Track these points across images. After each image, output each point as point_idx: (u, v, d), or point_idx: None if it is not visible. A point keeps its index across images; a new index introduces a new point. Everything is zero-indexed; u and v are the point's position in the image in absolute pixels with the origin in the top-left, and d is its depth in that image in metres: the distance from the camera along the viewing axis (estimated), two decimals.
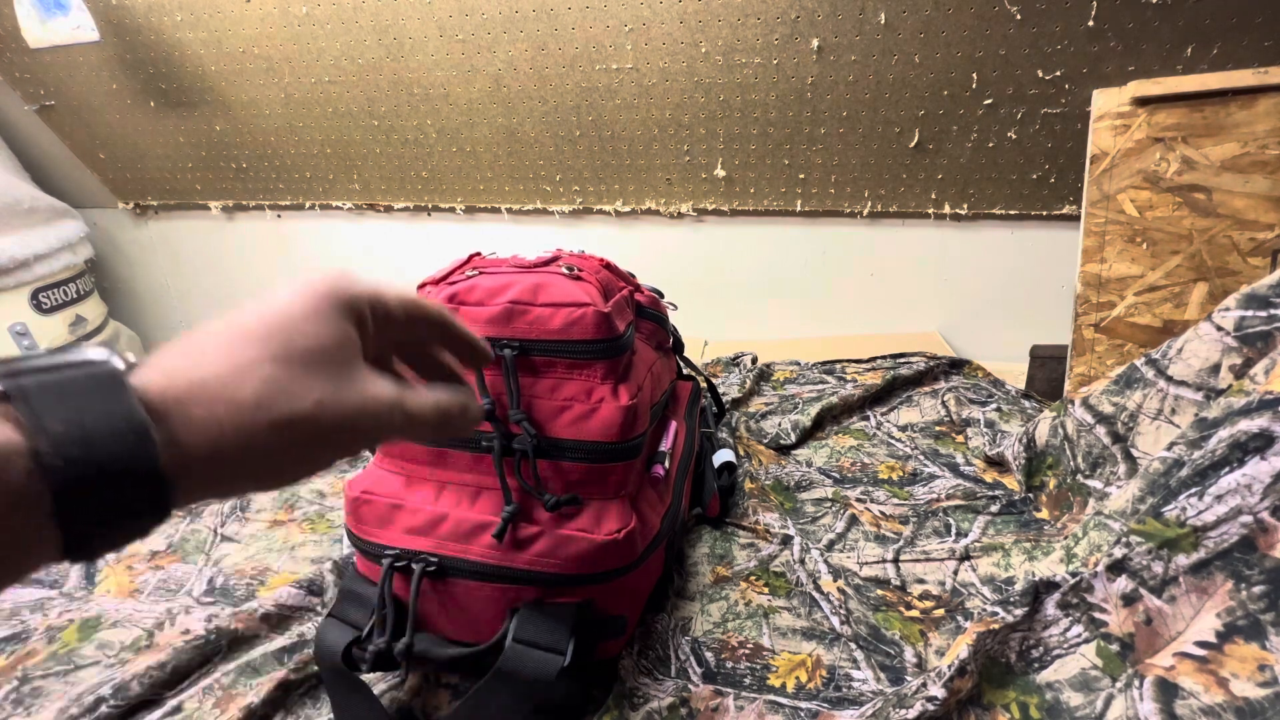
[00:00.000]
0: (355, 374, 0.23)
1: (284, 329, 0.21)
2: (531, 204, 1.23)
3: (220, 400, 0.19)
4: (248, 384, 0.20)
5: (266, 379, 0.20)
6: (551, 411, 0.47)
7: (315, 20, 1.05)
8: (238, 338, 0.20)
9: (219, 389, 0.19)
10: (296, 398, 0.20)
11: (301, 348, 0.21)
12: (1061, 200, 1.02)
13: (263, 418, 0.20)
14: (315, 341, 0.21)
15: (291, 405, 0.20)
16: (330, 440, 0.22)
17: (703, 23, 0.95)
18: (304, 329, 0.21)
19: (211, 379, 0.19)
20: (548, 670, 0.41)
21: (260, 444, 0.20)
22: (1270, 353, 0.51)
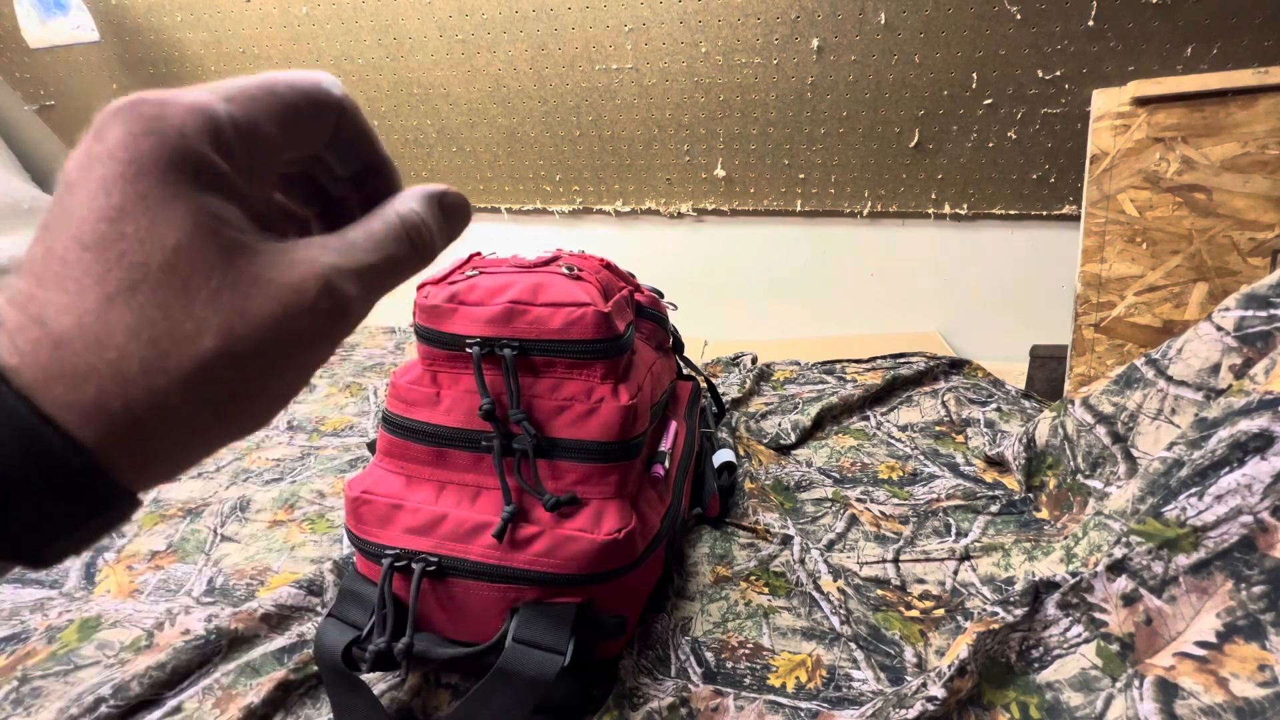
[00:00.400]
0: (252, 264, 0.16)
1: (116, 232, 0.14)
2: (531, 204, 1.23)
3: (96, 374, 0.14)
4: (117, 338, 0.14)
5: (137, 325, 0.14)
6: (551, 411, 0.47)
7: (315, 20, 1.05)
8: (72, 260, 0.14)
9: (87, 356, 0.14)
10: (190, 338, 0.15)
11: (159, 258, 0.15)
12: (1061, 200, 1.02)
13: (163, 381, 0.15)
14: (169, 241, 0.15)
15: (189, 350, 0.15)
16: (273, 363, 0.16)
17: (703, 23, 0.95)
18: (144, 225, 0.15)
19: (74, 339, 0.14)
20: (548, 670, 0.41)
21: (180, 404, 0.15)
22: (1270, 353, 0.51)
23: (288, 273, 0.16)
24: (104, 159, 0.15)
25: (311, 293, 0.16)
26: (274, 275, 0.16)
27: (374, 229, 0.19)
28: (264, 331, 0.16)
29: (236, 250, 0.16)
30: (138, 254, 0.14)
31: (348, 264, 0.17)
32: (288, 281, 0.16)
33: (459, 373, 0.48)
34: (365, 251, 0.18)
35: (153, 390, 0.14)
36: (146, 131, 0.15)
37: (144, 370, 0.14)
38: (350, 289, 0.17)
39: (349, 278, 0.17)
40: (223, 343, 0.15)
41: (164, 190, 0.15)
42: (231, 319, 0.15)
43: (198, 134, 0.15)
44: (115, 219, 0.14)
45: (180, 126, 0.15)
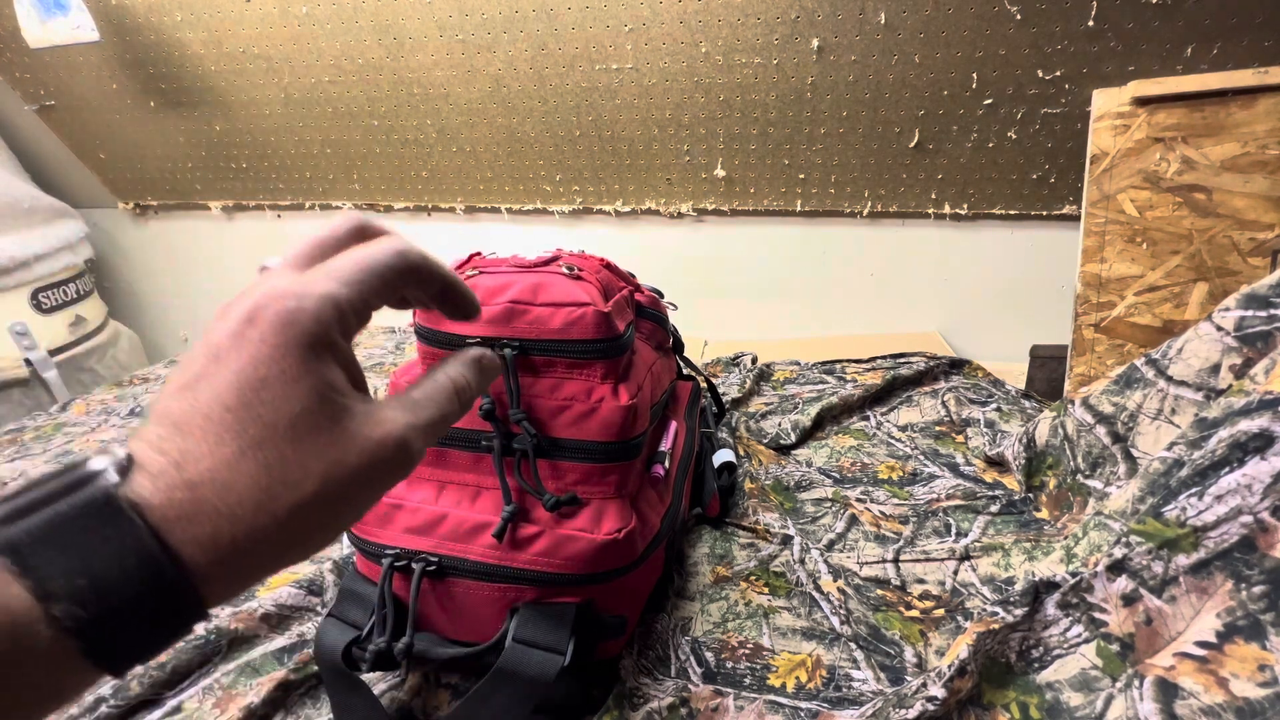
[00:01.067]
0: (351, 423, 0.19)
1: (258, 399, 0.18)
2: (531, 204, 1.23)
3: (218, 512, 0.17)
4: (241, 483, 0.17)
5: (258, 473, 0.17)
6: (551, 411, 0.47)
7: (315, 20, 1.05)
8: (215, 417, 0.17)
9: (214, 499, 0.17)
10: (296, 484, 0.18)
11: (286, 420, 0.18)
12: (1061, 200, 1.02)
13: (266, 520, 0.18)
14: (297, 407, 0.18)
15: (293, 494, 0.18)
16: (350, 502, 0.20)
17: (703, 23, 0.95)
18: (280, 394, 0.18)
19: (205, 483, 0.17)
20: (548, 670, 0.41)
21: (274, 538, 0.18)
22: (1270, 353, 0.51)
23: (375, 430, 0.20)
24: (255, 341, 0.18)
25: (391, 447, 0.20)
26: (366, 431, 0.20)
27: (433, 392, 0.23)
28: (353, 477, 0.19)
29: (341, 412, 0.19)
30: (271, 416, 0.18)
31: (417, 421, 0.21)
32: (375, 436, 0.20)
33: None
34: (428, 409, 0.22)
35: (257, 528, 0.17)
36: (293, 322, 0.19)
37: (255, 511, 0.17)
38: (418, 442, 0.21)
39: (417, 433, 0.21)
40: (321, 487, 0.18)
41: (300, 367, 0.19)
42: (331, 468, 0.19)
43: (330, 322, 0.19)
44: (259, 388, 0.18)
45: (318, 316, 0.19)
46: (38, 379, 1.18)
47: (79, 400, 1.03)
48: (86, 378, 1.29)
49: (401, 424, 0.21)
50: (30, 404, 1.18)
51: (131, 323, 1.51)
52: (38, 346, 1.19)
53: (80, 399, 1.04)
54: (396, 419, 0.21)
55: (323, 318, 0.19)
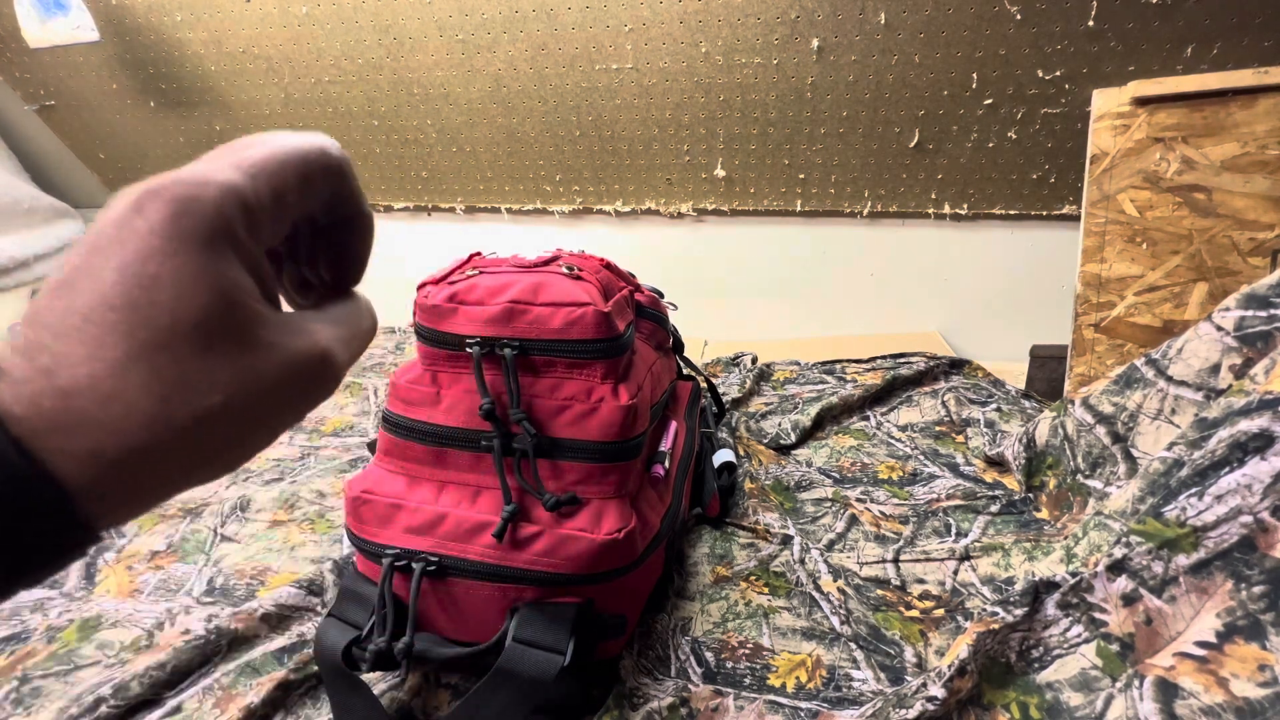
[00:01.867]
0: (265, 330, 0.17)
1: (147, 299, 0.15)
2: (531, 204, 1.23)
3: (98, 426, 0.15)
4: (130, 393, 0.15)
5: (150, 381, 0.15)
6: (551, 411, 0.47)
7: (315, 20, 1.05)
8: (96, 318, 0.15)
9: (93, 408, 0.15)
10: (200, 393, 0.16)
11: (186, 322, 0.16)
12: (1061, 200, 1.02)
13: (163, 432, 0.16)
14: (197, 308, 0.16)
15: (196, 405, 0.16)
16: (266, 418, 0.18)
17: (703, 23, 0.95)
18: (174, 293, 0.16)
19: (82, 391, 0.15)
20: (548, 670, 0.41)
21: (174, 453, 0.16)
22: (1270, 353, 0.51)
23: (295, 339, 0.18)
24: (143, 233, 0.16)
25: (316, 358, 0.18)
26: (285, 340, 0.18)
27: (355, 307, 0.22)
28: (270, 389, 0.17)
29: (253, 318, 0.17)
30: (164, 319, 0.15)
31: (340, 336, 0.20)
32: (296, 346, 0.18)
33: (459, 372, 0.48)
34: (350, 325, 0.21)
35: (152, 441, 0.15)
36: (187, 211, 0.16)
37: (148, 424, 0.15)
38: (343, 356, 0.20)
39: (342, 346, 0.20)
40: (229, 398, 0.16)
41: (198, 263, 0.16)
42: (242, 376, 0.17)
43: (233, 215, 0.17)
44: (149, 287, 0.15)
45: (219, 207, 0.16)
46: None
47: None
48: None
49: (326, 336, 0.19)
50: None
51: None
52: None
53: None
54: (320, 330, 0.19)
55: (223, 209, 0.16)
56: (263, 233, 0.18)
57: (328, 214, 0.21)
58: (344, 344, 0.20)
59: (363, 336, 0.22)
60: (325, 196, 0.20)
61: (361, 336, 0.21)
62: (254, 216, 0.17)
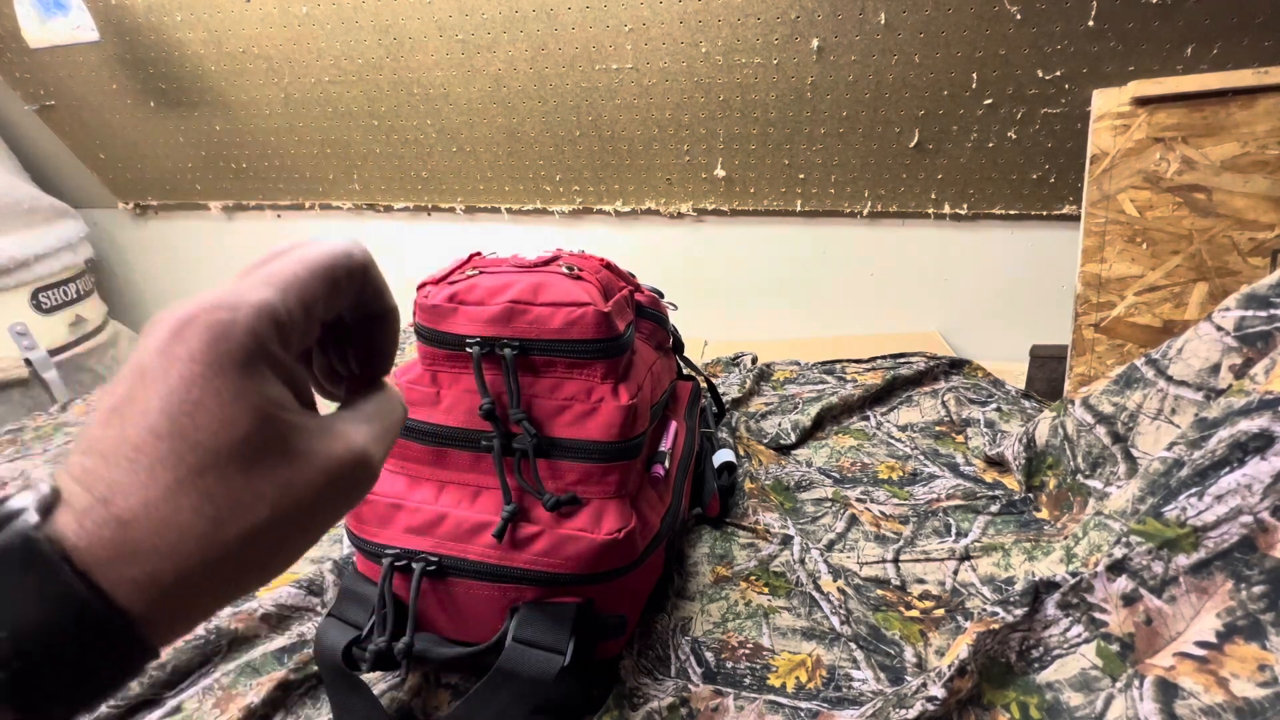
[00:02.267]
0: (304, 440, 0.18)
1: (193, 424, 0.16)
2: (531, 204, 1.23)
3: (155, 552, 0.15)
4: (183, 518, 0.16)
5: (201, 504, 0.16)
6: (551, 411, 0.47)
7: (315, 20, 1.05)
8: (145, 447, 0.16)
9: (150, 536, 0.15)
10: (244, 510, 0.17)
11: (229, 443, 0.16)
12: (1061, 200, 1.02)
13: (216, 552, 0.16)
14: (239, 429, 0.17)
15: (245, 522, 0.17)
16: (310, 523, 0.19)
17: (703, 23, 0.95)
18: (217, 416, 0.16)
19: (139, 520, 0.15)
20: (548, 670, 0.41)
21: (226, 569, 0.17)
22: (1270, 353, 0.51)
23: (331, 445, 0.19)
24: (184, 359, 0.16)
25: (352, 462, 0.19)
26: (323, 448, 0.18)
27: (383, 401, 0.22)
28: (312, 497, 0.18)
29: (291, 430, 0.18)
30: (210, 442, 0.16)
31: (375, 433, 0.21)
32: (334, 453, 0.19)
33: (459, 372, 0.48)
34: (383, 420, 0.22)
35: (206, 560, 0.16)
36: (225, 335, 0.17)
37: (201, 545, 0.16)
38: (378, 454, 0.20)
39: (377, 444, 0.20)
40: (275, 511, 0.17)
41: (238, 386, 0.17)
42: (285, 490, 0.17)
43: (267, 334, 0.18)
44: (192, 412, 0.16)
45: (253, 329, 0.17)
46: (38, 379, 1.18)
47: (79, 400, 1.03)
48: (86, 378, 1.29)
49: (361, 437, 0.20)
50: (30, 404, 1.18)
51: (131, 323, 1.51)
52: (38, 346, 1.19)
53: (80, 399, 1.04)
54: (354, 432, 0.20)
55: (258, 330, 0.17)
56: (295, 343, 0.19)
57: (354, 311, 0.22)
58: (379, 441, 0.21)
59: (395, 427, 0.22)
60: (351, 298, 0.21)
61: (394, 427, 0.22)
62: (286, 330, 0.18)
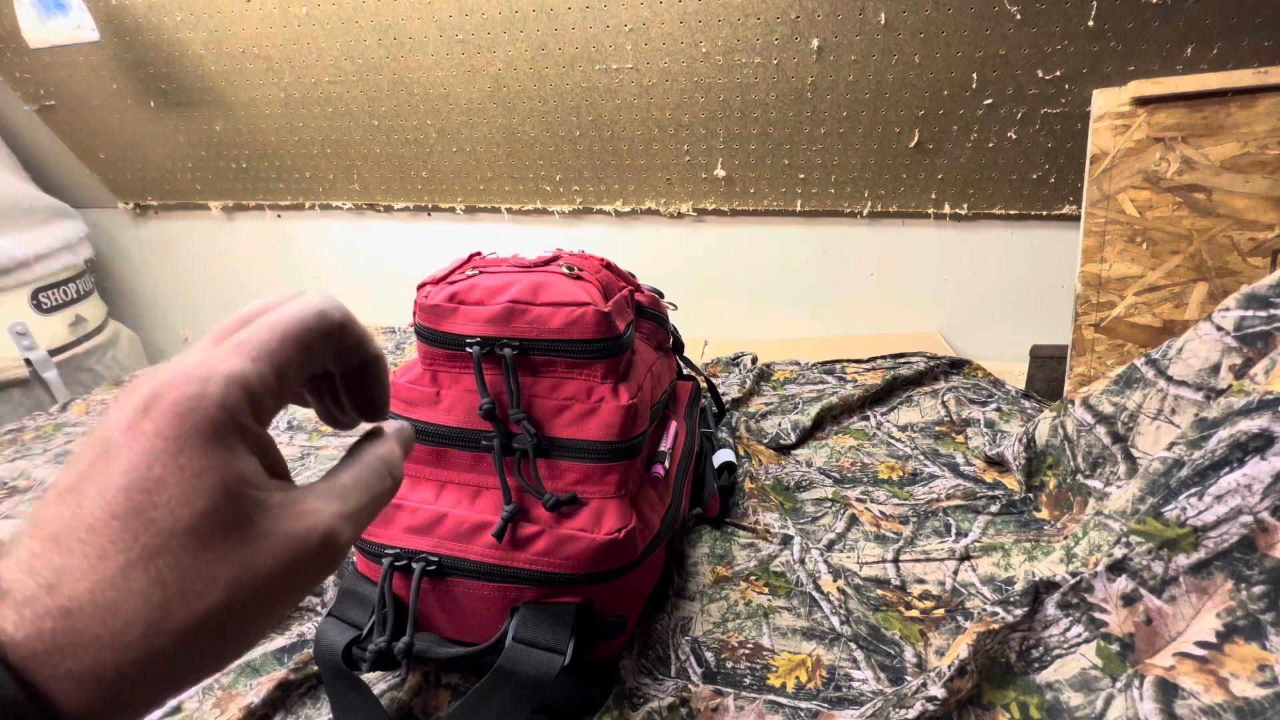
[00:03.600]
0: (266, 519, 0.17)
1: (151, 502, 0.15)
2: (531, 204, 1.23)
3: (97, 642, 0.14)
4: (130, 604, 0.14)
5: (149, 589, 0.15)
6: (551, 411, 0.47)
7: (315, 20, 1.05)
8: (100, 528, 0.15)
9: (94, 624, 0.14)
10: (199, 595, 0.15)
11: (185, 523, 0.15)
12: (1061, 200, 1.02)
13: (162, 640, 0.15)
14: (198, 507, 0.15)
15: (195, 608, 0.15)
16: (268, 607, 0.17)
17: (703, 23, 0.95)
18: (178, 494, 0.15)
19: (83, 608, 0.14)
20: (547, 670, 0.41)
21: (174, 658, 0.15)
22: (1270, 353, 0.51)
23: (295, 524, 0.17)
24: (150, 435, 0.15)
25: (315, 543, 0.17)
26: (284, 527, 0.17)
27: (363, 474, 0.20)
28: (269, 580, 0.16)
29: (253, 508, 0.17)
30: (166, 521, 0.15)
31: (346, 510, 0.19)
32: (296, 532, 0.17)
33: (459, 372, 0.48)
34: (359, 494, 0.20)
35: (150, 652, 0.15)
36: (192, 410, 0.16)
37: (146, 633, 0.14)
38: (347, 533, 0.19)
39: (347, 522, 0.19)
40: (229, 597, 0.16)
41: (203, 461, 0.16)
42: (241, 573, 0.16)
43: (237, 405, 0.17)
44: (153, 490, 0.15)
45: (222, 401, 0.16)
46: (38, 379, 1.18)
47: (79, 400, 1.03)
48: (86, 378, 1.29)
49: (327, 515, 0.18)
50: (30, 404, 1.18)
51: (131, 323, 1.51)
52: (38, 346, 1.19)
53: (80, 399, 1.04)
54: (321, 509, 0.18)
55: (229, 403, 0.16)
56: (268, 412, 0.18)
57: (337, 366, 0.21)
58: (351, 519, 0.19)
59: (375, 502, 0.21)
60: (330, 356, 0.20)
61: (374, 502, 0.20)
62: (259, 400, 0.17)
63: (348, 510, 0.19)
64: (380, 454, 0.22)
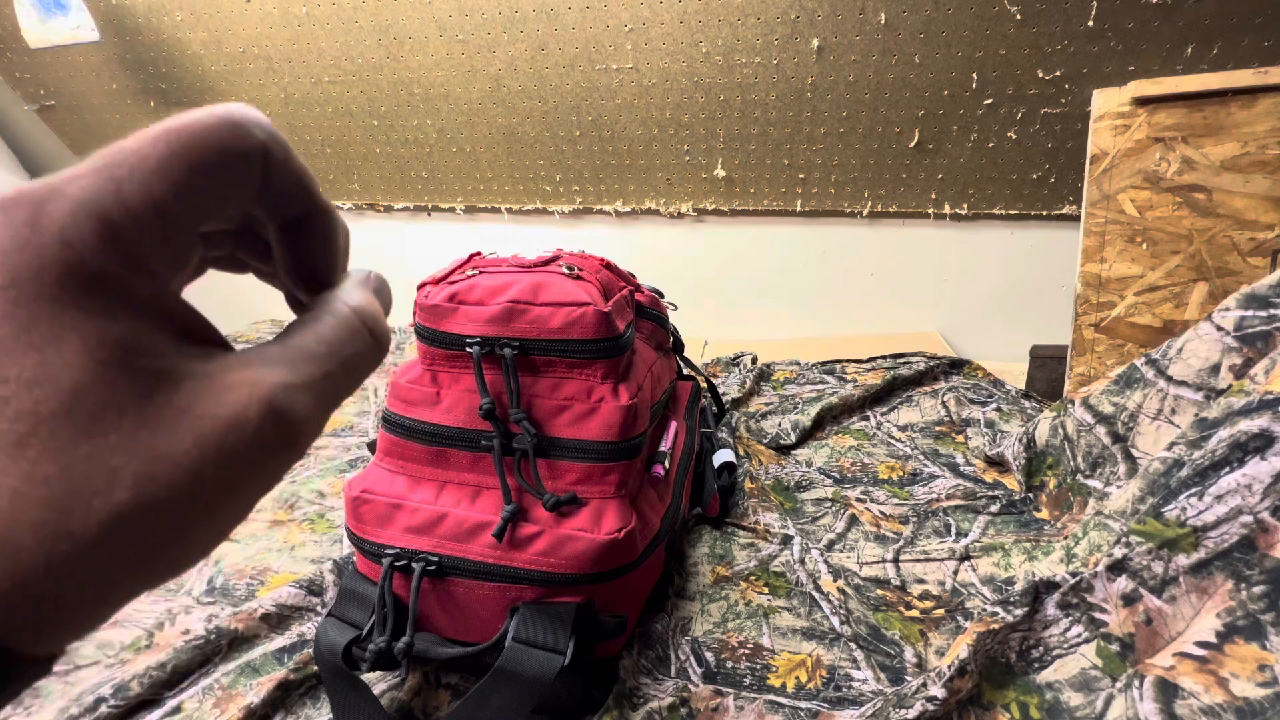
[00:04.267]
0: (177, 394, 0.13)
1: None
2: (531, 204, 1.23)
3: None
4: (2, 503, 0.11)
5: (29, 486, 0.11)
6: (551, 411, 0.47)
7: (315, 20, 1.05)
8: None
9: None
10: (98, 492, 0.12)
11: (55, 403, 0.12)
12: (1061, 200, 1.02)
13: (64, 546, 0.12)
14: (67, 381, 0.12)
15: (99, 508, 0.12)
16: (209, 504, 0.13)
17: (703, 23, 0.95)
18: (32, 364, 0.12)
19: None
20: (547, 670, 0.41)
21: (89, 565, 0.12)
22: (1270, 353, 0.51)
23: (222, 400, 0.13)
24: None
25: (253, 421, 0.13)
26: (205, 406, 0.13)
27: (325, 330, 0.16)
28: (192, 474, 0.13)
29: (153, 380, 0.13)
30: (24, 402, 0.12)
31: (299, 378, 0.14)
32: (222, 412, 0.13)
33: (459, 372, 0.48)
34: (320, 359, 0.15)
35: (53, 558, 0.12)
36: (20, 245, 0.12)
37: (39, 538, 0.12)
38: (303, 407, 0.14)
39: (302, 393, 0.14)
40: (139, 494, 0.12)
41: (52, 319, 0.12)
42: (150, 465, 0.12)
43: (86, 238, 0.12)
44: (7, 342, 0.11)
45: (61, 233, 0.12)
46: None
47: None
48: None
49: (268, 384, 0.14)
50: None
51: None
52: None
53: None
54: (260, 379, 0.14)
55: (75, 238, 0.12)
56: (150, 257, 0.13)
57: (269, 214, 0.16)
58: (308, 388, 0.14)
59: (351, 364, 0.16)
60: (250, 193, 0.15)
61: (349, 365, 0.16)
62: (124, 235, 0.13)
63: (300, 378, 0.14)
64: (352, 303, 0.17)
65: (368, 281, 0.18)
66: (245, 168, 0.14)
